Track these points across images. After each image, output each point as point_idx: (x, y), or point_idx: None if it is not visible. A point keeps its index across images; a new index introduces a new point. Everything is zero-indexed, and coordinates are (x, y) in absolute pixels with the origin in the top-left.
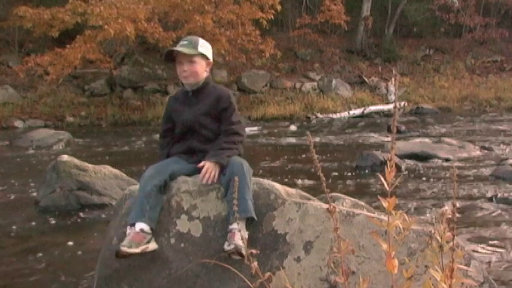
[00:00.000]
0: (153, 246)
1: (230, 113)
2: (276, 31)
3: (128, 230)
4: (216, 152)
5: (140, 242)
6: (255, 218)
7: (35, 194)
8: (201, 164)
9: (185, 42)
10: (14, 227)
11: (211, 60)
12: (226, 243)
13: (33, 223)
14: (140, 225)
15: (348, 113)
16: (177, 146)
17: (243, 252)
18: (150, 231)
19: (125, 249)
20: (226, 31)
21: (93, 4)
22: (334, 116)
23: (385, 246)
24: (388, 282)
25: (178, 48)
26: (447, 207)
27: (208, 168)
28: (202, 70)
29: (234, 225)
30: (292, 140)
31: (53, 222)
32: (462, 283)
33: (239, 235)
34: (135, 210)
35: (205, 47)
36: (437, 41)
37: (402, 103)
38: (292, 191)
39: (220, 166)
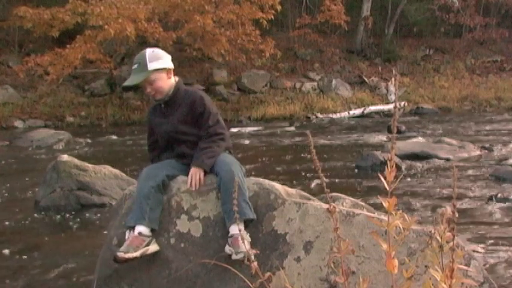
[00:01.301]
0: (153, 248)
1: (207, 116)
2: (276, 31)
3: (127, 234)
4: (197, 156)
5: (139, 246)
6: (253, 217)
7: (35, 194)
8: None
9: (135, 66)
10: (14, 227)
11: (168, 66)
12: (228, 247)
13: (33, 223)
14: (139, 229)
15: (348, 113)
16: (166, 154)
17: (250, 256)
18: (149, 234)
19: (121, 254)
20: (226, 31)
21: (93, 4)
22: (334, 116)
23: (385, 246)
24: (388, 282)
25: (127, 83)
26: (447, 207)
27: (192, 174)
28: (164, 82)
29: (235, 230)
30: (292, 140)
31: (53, 222)
32: (462, 283)
33: (242, 240)
34: (134, 213)
35: (156, 59)
36: (437, 41)
37: (402, 103)
38: (292, 191)
39: (204, 169)
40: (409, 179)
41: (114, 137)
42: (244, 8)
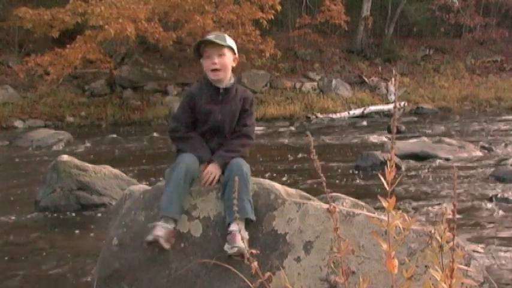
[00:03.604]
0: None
1: (249, 115)
2: (276, 31)
3: (164, 224)
4: (224, 153)
5: (170, 240)
6: (253, 219)
7: (35, 194)
8: (203, 167)
9: (212, 36)
10: (13, 227)
11: (237, 55)
12: (227, 245)
13: (33, 223)
14: (173, 225)
15: (348, 113)
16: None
17: (246, 253)
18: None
19: (162, 240)
20: (227, 31)
21: (94, 4)
22: (334, 116)
23: (385, 246)
24: (388, 282)
25: (211, 37)
26: (447, 207)
27: (210, 171)
28: (231, 64)
29: (234, 227)
30: (292, 140)
31: (53, 222)
32: (462, 283)
33: (239, 236)
34: (173, 206)
35: (232, 41)
36: (437, 41)
37: (402, 103)
38: (292, 191)
39: (222, 168)
40: (409, 179)
41: (114, 137)
42: (244, 8)
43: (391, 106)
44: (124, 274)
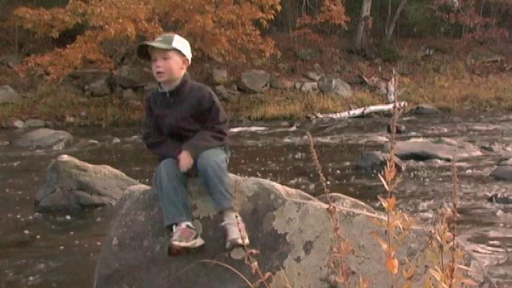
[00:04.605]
0: (200, 242)
1: (215, 112)
2: (276, 31)
3: (174, 228)
4: (193, 141)
5: (189, 237)
6: (227, 206)
7: (35, 194)
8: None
9: (159, 38)
10: (13, 227)
11: (187, 57)
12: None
13: (33, 223)
14: (186, 223)
15: (348, 113)
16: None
17: (240, 241)
18: (194, 227)
19: (176, 243)
20: (227, 31)
21: (94, 4)
22: (334, 116)
23: (385, 246)
24: (388, 282)
25: (149, 42)
26: (447, 207)
27: (181, 157)
28: (177, 67)
29: (223, 222)
30: (292, 140)
31: (53, 222)
32: (462, 283)
33: (230, 229)
34: (168, 212)
35: (180, 42)
36: (437, 41)
37: (402, 103)
38: (292, 191)
39: (192, 155)
40: (409, 179)
41: (114, 137)
42: (244, 8)
43: (391, 106)
44: (124, 274)
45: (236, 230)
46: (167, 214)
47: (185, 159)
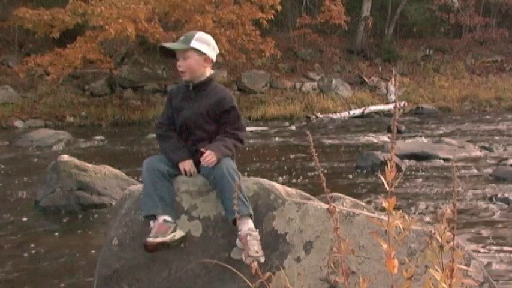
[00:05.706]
0: (180, 233)
1: (236, 116)
2: (276, 31)
3: (152, 224)
4: (221, 147)
5: (166, 232)
6: (249, 213)
7: (35, 194)
8: (203, 149)
9: (182, 38)
10: (13, 227)
11: (209, 55)
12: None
13: (33, 223)
14: (163, 217)
15: (348, 113)
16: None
17: (262, 260)
18: (173, 221)
19: (151, 239)
20: (227, 31)
21: (94, 4)
22: (334, 116)
23: (385, 246)
24: (388, 282)
25: (166, 44)
26: (447, 207)
27: (211, 155)
28: (198, 66)
29: (242, 231)
30: (292, 140)
31: (53, 222)
32: (462, 283)
33: (251, 242)
34: (144, 203)
35: (200, 41)
36: (437, 41)
37: (402, 103)
38: (292, 191)
39: (217, 157)
40: (409, 179)
41: (114, 137)
42: (244, 8)
43: (391, 106)
44: (124, 274)
45: (257, 245)
46: (143, 205)
47: (210, 157)
